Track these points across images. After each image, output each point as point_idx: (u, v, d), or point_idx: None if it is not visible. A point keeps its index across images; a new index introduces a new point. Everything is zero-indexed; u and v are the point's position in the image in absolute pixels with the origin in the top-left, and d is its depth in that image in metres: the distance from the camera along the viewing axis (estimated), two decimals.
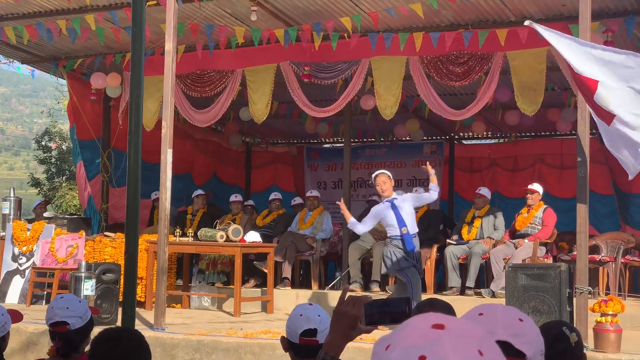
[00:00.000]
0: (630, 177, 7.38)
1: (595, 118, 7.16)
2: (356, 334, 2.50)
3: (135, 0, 3.60)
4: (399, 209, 8.66)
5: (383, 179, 8.77)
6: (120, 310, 5.09)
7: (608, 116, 6.81)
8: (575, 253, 8.63)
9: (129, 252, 3.43)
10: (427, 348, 1.11)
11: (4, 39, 11.13)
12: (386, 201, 8.77)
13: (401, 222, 8.63)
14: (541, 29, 6.99)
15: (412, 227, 8.71)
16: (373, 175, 8.99)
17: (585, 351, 6.95)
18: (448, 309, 3.29)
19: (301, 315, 3.65)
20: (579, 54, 6.85)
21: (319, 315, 3.58)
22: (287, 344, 3.68)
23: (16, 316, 4.41)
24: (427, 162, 9.13)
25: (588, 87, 6.80)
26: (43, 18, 10.68)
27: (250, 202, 14.12)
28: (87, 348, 4.26)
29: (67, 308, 4.15)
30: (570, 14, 9.36)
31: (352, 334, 2.52)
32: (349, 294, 2.65)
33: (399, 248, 8.63)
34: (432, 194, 8.72)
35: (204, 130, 14.68)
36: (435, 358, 1.10)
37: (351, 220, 8.98)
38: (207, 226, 11.12)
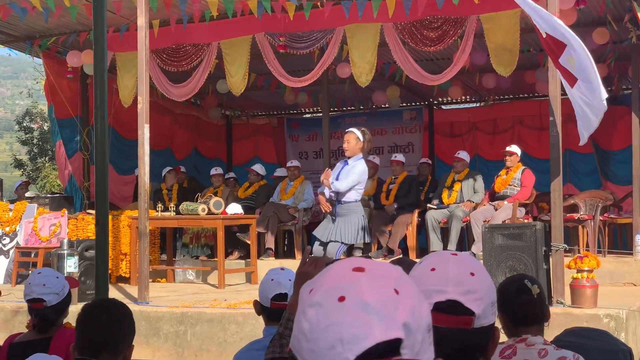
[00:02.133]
0: (581, 143, 7.51)
1: (561, 79, 7.26)
2: None
3: None
4: (341, 174, 8.16)
5: (347, 137, 8.23)
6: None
7: (572, 78, 6.92)
8: None
9: (100, 224, 3.48)
10: (346, 289, 1.17)
11: None
12: (344, 160, 8.35)
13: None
14: None
15: (345, 195, 8.11)
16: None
17: (562, 307, 7.08)
18: None
19: (272, 280, 3.72)
20: (547, 18, 6.92)
21: (289, 280, 3.66)
22: (260, 308, 3.77)
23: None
24: (323, 180, 8.28)
25: (555, 49, 6.89)
26: None
27: (232, 174, 14.17)
28: (65, 320, 4.33)
29: (44, 285, 4.19)
30: None
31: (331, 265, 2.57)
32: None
33: (331, 216, 8.20)
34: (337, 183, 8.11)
35: (183, 104, 14.67)
36: (353, 297, 1.16)
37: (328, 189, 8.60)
38: (185, 200, 11.16)
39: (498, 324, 2.05)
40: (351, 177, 8.07)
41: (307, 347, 1.17)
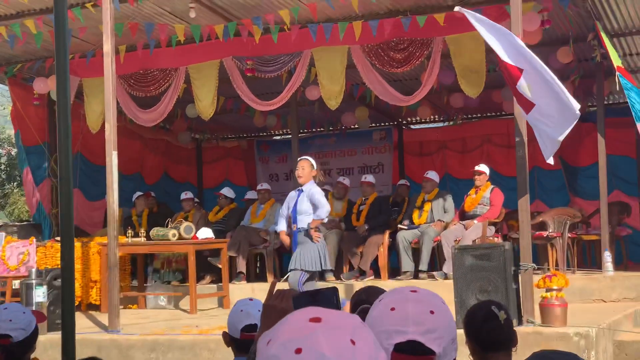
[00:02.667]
0: (548, 161, 7.61)
1: (518, 105, 7.40)
2: None
3: (57, 4, 3.60)
4: (298, 202, 8.27)
5: (302, 164, 8.41)
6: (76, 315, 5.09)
7: (528, 104, 7.06)
8: None
9: (65, 260, 3.45)
10: (302, 341, 1.17)
11: None
12: (297, 189, 8.45)
13: (294, 217, 8.26)
14: (470, 16, 7.12)
15: (303, 223, 8.26)
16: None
17: (533, 327, 7.11)
18: None
19: (242, 310, 3.70)
20: (505, 42, 7.03)
21: (259, 310, 3.64)
22: (229, 339, 3.74)
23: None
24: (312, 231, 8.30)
25: (512, 75, 7.03)
26: None
27: (196, 199, 14.10)
28: (32, 355, 4.27)
29: (10, 320, 4.13)
30: None
31: (287, 315, 2.57)
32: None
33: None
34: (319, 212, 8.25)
35: (152, 129, 14.62)
36: (309, 350, 1.16)
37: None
38: (155, 226, 11.10)
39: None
40: (320, 200, 8.18)
41: None
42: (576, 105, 7.09)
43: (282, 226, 8.61)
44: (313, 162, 8.47)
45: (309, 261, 8.10)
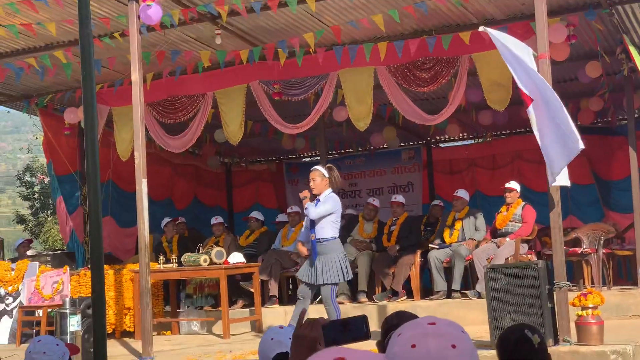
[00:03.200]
0: (550, 184, 7.59)
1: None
2: None
3: (83, 39, 3.64)
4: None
5: (312, 175, 8.25)
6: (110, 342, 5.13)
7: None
8: None
9: (96, 292, 3.46)
10: None
11: None
12: (316, 199, 8.24)
13: (312, 227, 8.11)
14: (494, 37, 7.10)
15: (322, 233, 8.11)
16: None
17: (569, 346, 7.02)
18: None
19: (272, 339, 3.67)
20: (520, 70, 7.07)
21: (290, 338, 3.62)
22: None
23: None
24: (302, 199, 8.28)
25: (524, 100, 7.11)
26: (11, 58, 10.71)
27: (225, 224, 14.13)
28: None
29: (44, 352, 4.15)
30: (531, 13, 9.42)
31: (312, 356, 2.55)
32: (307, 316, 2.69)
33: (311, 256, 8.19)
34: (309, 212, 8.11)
35: (182, 154, 14.71)
36: None
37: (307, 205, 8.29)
38: (186, 251, 11.14)
39: None
40: (323, 206, 8.05)
41: None
42: (577, 141, 7.10)
43: (301, 236, 8.56)
44: (323, 170, 8.26)
45: (334, 273, 8.03)
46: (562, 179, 7.42)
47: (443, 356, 1.64)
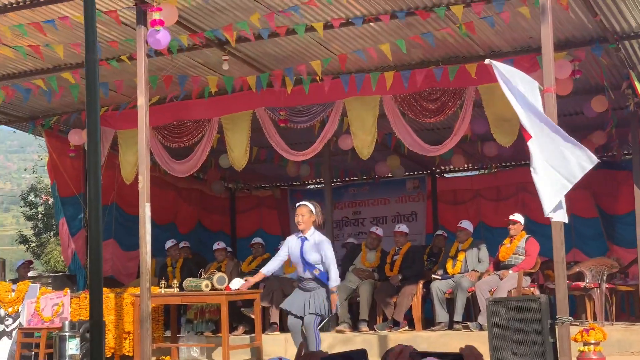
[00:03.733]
0: (546, 215, 7.58)
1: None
2: None
3: (89, 64, 3.64)
4: (305, 252, 8.20)
5: (300, 211, 8.31)
6: None
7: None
8: None
9: (94, 318, 3.44)
10: None
11: None
12: (299, 236, 8.36)
13: (306, 266, 8.19)
14: (497, 71, 7.10)
15: (319, 268, 8.20)
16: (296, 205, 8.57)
17: None
18: None
19: None
20: (522, 105, 7.07)
21: None
22: None
23: None
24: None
25: (524, 135, 7.14)
26: (19, 79, 10.76)
27: (228, 249, 14.11)
28: None
29: None
30: (538, 46, 9.45)
31: None
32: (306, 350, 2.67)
33: (301, 289, 8.32)
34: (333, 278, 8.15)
35: (186, 179, 14.72)
36: None
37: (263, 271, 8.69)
38: (190, 275, 11.10)
39: None
40: (328, 256, 8.13)
41: None
42: (590, 156, 7.08)
43: (266, 268, 8.71)
44: (312, 206, 8.31)
45: (323, 306, 8.14)
46: (560, 214, 7.39)
47: None
